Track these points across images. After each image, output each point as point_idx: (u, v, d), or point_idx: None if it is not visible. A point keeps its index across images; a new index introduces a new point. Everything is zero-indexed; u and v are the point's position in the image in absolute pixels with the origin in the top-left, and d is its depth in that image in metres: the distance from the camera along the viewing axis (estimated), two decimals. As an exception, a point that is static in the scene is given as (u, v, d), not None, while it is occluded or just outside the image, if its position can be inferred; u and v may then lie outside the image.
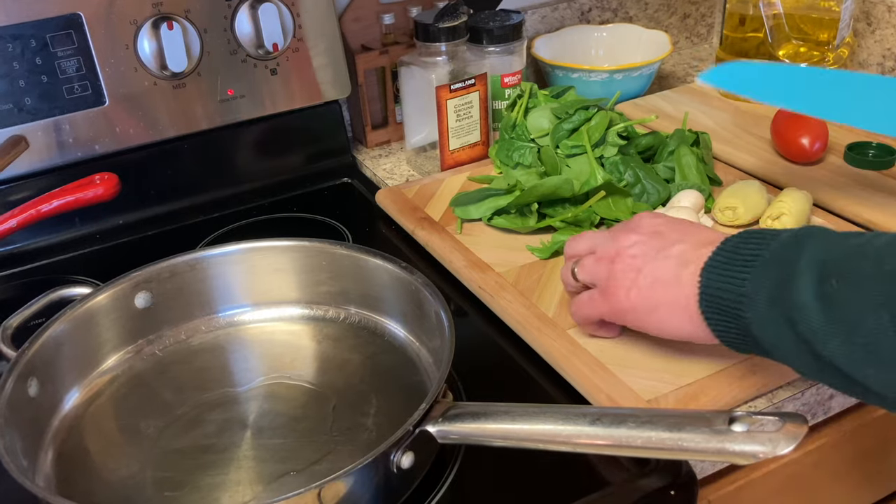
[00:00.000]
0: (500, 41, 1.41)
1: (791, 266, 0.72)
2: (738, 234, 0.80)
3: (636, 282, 0.85)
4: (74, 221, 1.34)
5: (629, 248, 0.87)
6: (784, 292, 0.71)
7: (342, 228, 1.31)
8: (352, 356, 1.01)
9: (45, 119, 1.25)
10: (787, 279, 0.71)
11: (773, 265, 0.74)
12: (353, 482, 0.75)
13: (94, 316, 0.99)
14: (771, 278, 0.73)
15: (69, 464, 0.88)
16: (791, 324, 0.71)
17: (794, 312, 0.70)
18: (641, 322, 0.87)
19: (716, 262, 0.79)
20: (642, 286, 0.85)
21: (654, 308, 0.85)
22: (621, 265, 0.87)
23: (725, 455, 0.69)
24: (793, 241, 0.74)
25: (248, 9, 1.32)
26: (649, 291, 0.84)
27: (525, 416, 0.77)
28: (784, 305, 0.71)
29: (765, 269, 0.74)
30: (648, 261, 0.85)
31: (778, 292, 0.72)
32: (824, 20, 1.46)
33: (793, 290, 0.70)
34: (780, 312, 0.72)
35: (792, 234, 0.75)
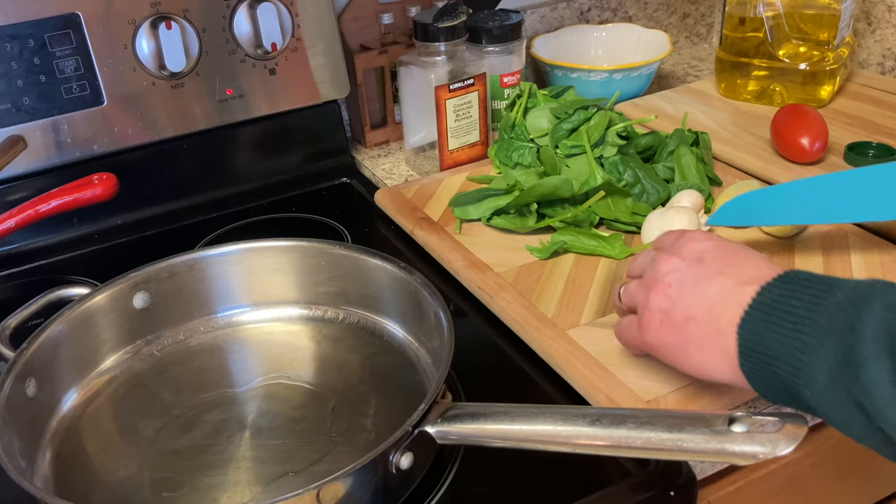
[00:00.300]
0: (500, 41, 1.41)
1: (854, 340, 0.64)
2: (778, 280, 0.73)
3: (669, 315, 0.80)
4: (73, 221, 1.34)
5: (666, 276, 0.81)
6: (852, 374, 0.64)
7: (341, 228, 1.31)
8: (351, 357, 1.01)
9: (43, 119, 1.25)
10: (853, 358, 0.64)
11: (831, 336, 0.66)
12: (351, 483, 0.75)
13: (93, 316, 0.98)
14: (830, 352, 0.66)
15: (67, 464, 0.88)
16: (864, 413, 0.64)
17: (870, 402, 0.63)
18: (673, 360, 0.82)
19: (755, 317, 0.72)
20: (675, 321, 0.79)
21: (684, 346, 0.79)
22: (656, 294, 0.81)
23: (725, 456, 0.68)
24: (850, 304, 0.67)
25: (247, 8, 1.32)
26: (681, 328, 0.79)
27: (524, 416, 0.76)
28: (854, 390, 0.64)
29: (822, 338, 0.67)
30: (684, 293, 0.79)
31: (844, 374, 0.65)
32: (824, 19, 1.46)
33: (862, 372, 0.63)
34: (849, 396, 0.65)
35: (847, 294, 0.68)
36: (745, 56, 1.54)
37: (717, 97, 1.60)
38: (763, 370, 0.72)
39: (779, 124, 1.34)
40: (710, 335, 0.76)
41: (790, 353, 0.69)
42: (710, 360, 0.77)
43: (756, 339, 0.72)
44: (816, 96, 1.51)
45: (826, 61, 1.48)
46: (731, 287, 0.75)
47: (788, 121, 1.32)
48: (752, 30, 1.52)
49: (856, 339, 0.64)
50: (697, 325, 0.77)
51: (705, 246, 0.82)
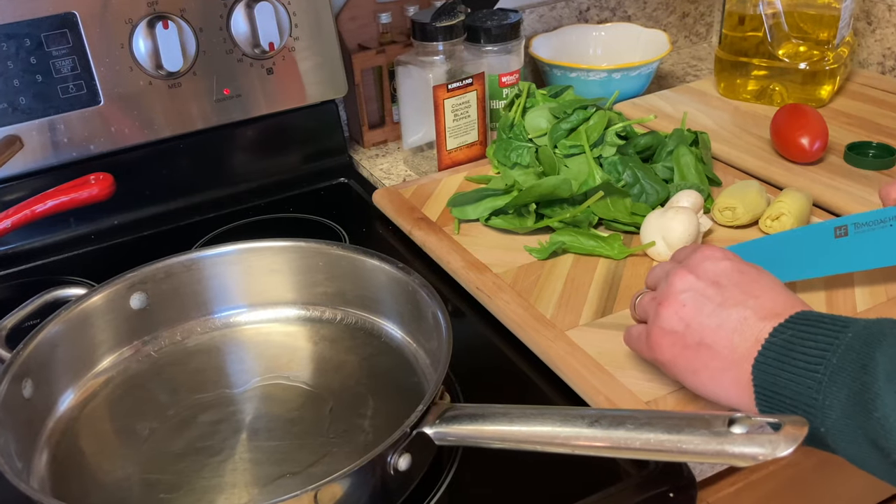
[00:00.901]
0: (498, 40, 1.41)
1: (867, 378, 0.65)
2: (791, 321, 0.73)
3: (682, 338, 0.79)
4: (69, 222, 1.34)
5: (681, 294, 0.80)
6: (864, 410, 0.65)
7: (339, 229, 1.31)
8: (348, 357, 1.00)
9: (39, 119, 1.25)
10: (865, 396, 0.65)
11: (844, 374, 0.67)
12: (349, 484, 0.74)
13: (89, 317, 0.98)
14: (843, 390, 0.67)
15: (64, 466, 0.88)
16: (879, 448, 0.65)
17: (885, 439, 0.64)
18: (680, 378, 0.81)
19: (769, 357, 0.73)
20: (687, 344, 0.79)
21: (695, 370, 0.79)
22: (667, 311, 0.80)
23: (725, 457, 0.68)
24: (861, 343, 0.67)
25: (244, 8, 1.32)
26: (694, 352, 0.78)
27: (523, 417, 0.76)
28: (868, 426, 0.65)
29: (834, 377, 0.68)
30: (698, 316, 0.78)
31: (857, 411, 0.66)
32: (824, 18, 1.45)
33: (876, 409, 0.64)
34: (863, 433, 0.66)
35: (858, 334, 0.68)
36: (744, 55, 1.54)
37: (717, 97, 1.60)
38: (779, 408, 0.72)
39: (778, 124, 1.34)
40: (726, 366, 0.76)
41: (804, 392, 0.69)
42: (722, 389, 0.77)
43: (770, 379, 0.72)
44: (816, 96, 1.51)
45: (826, 61, 1.48)
46: (751, 320, 0.76)
47: (788, 121, 1.32)
48: (751, 29, 1.51)
49: (868, 376, 0.65)
50: (711, 354, 0.77)
51: (721, 267, 0.81)
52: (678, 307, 0.80)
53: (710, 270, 0.81)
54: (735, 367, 0.75)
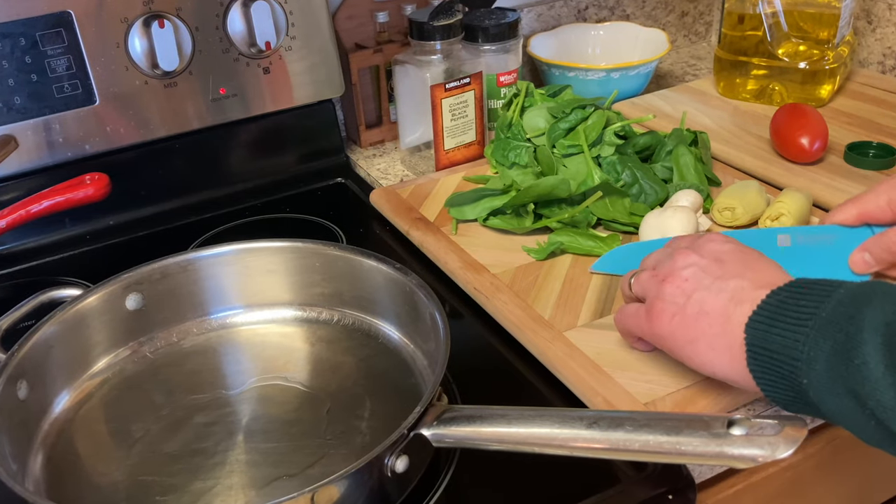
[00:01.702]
0: (496, 39, 1.41)
1: (852, 328, 0.66)
2: (788, 284, 0.75)
3: (683, 308, 0.81)
4: (64, 222, 1.33)
5: (683, 270, 0.82)
6: (846, 361, 0.66)
7: (336, 229, 1.31)
8: (346, 359, 1.00)
9: (34, 118, 1.25)
10: (848, 345, 0.66)
11: (831, 326, 0.68)
12: (346, 486, 0.74)
13: (85, 318, 0.98)
14: (829, 341, 0.68)
15: (59, 467, 0.88)
16: (857, 397, 0.66)
17: (861, 386, 0.65)
18: (678, 351, 0.82)
19: (762, 316, 0.74)
20: (687, 314, 0.80)
21: (693, 339, 0.80)
22: (671, 286, 0.82)
23: (724, 459, 0.68)
24: (851, 299, 0.69)
25: (241, 7, 1.32)
26: (693, 321, 0.79)
27: (521, 419, 0.76)
28: (848, 376, 0.66)
29: (821, 329, 0.69)
30: (699, 288, 0.80)
31: (839, 360, 0.67)
32: (824, 17, 1.45)
33: (857, 358, 0.65)
34: (842, 383, 0.66)
35: (850, 291, 0.70)
36: (744, 55, 1.54)
37: (716, 96, 1.60)
38: (767, 366, 0.73)
39: (778, 124, 1.34)
40: (720, 332, 0.77)
41: (791, 345, 0.70)
42: (717, 356, 0.78)
43: (762, 336, 0.73)
44: (816, 95, 1.51)
45: (826, 60, 1.48)
46: (747, 289, 0.77)
47: (788, 120, 1.32)
48: (751, 28, 1.51)
49: (853, 327, 0.66)
50: (709, 321, 0.78)
51: (725, 248, 0.83)
52: (681, 282, 0.82)
53: (713, 249, 0.84)
54: (729, 333, 0.76)
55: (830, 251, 0.99)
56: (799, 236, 1.01)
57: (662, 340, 0.84)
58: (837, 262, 0.98)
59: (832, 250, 0.99)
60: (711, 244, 0.84)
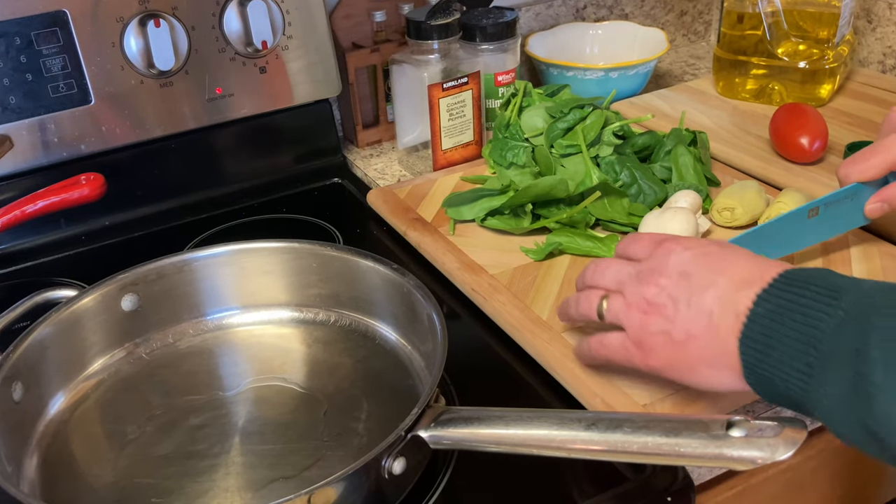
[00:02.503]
0: (494, 39, 1.40)
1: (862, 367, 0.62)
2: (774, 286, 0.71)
3: (670, 337, 0.77)
4: (60, 222, 1.33)
5: (657, 298, 0.78)
6: (863, 402, 0.62)
7: (332, 230, 1.30)
8: (342, 360, 1.00)
9: (29, 118, 1.25)
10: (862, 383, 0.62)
11: (837, 360, 0.64)
12: (343, 488, 0.74)
13: (80, 319, 0.98)
14: (840, 381, 0.64)
15: (54, 469, 0.87)
16: (876, 437, 0.63)
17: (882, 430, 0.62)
18: (683, 380, 0.79)
19: (755, 331, 0.70)
20: (677, 342, 0.77)
21: (692, 366, 0.77)
22: (653, 318, 0.78)
23: (723, 461, 0.68)
24: (853, 324, 0.64)
25: (237, 6, 1.32)
26: (684, 348, 0.76)
27: (519, 420, 0.76)
28: (868, 420, 0.62)
29: (827, 362, 0.65)
30: (679, 312, 0.76)
31: (855, 399, 0.63)
32: (824, 17, 1.45)
33: (876, 403, 0.61)
34: (861, 424, 0.63)
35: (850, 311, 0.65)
36: (743, 54, 1.54)
37: (715, 96, 1.59)
38: (769, 389, 0.71)
39: (778, 124, 1.33)
40: (715, 351, 0.74)
41: (796, 376, 0.67)
42: (722, 374, 0.75)
43: (759, 356, 0.70)
44: (816, 95, 1.50)
45: (826, 60, 1.48)
46: (725, 297, 0.74)
47: (788, 120, 1.32)
48: (750, 27, 1.51)
49: (864, 365, 0.62)
50: (698, 343, 0.75)
51: (684, 257, 0.79)
52: (661, 309, 0.78)
53: (675, 264, 0.79)
54: (722, 347, 0.73)
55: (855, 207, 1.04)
56: (826, 204, 1.03)
57: (662, 373, 0.80)
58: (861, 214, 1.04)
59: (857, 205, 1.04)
60: (672, 258, 0.79)
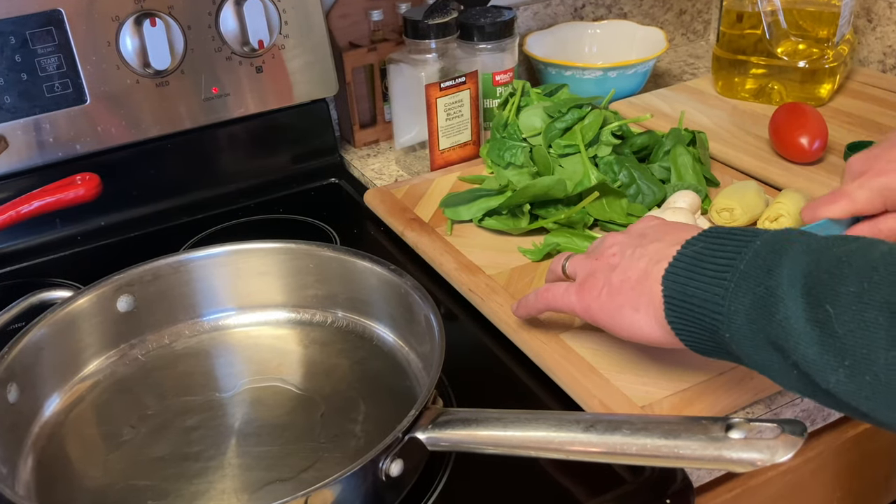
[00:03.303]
0: (492, 38, 1.40)
1: (771, 282, 0.67)
2: (702, 234, 0.76)
3: (609, 279, 0.83)
4: (55, 223, 1.33)
5: (610, 248, 0.85)
6: (768, 315, 0.67)
7: (329, 230, 1.30)
8: (339, 361, 1.00)
9: (24, 118, 1.24)
10: (769, 299, 0.67)
11: (750, 279, 0.69)
12: (340, 490, 0.74)
13: (75, 320, 0.97)
14: (749, 296, 0.68)
15: (49, 471, 0.87)
16: (780, 350, 0.66)
17: (784, 339, 0.65)
18: (608, 321, 0.83)
19: (678, 268, 0.75)
20: (613, 283, 0.82)
21: (619, 307, 0.81)
22: (600, 263, 0.85)
23: (722, 463, 0.68)
24: (768, 250, 0.69)
25: (233, 5, 1.31)
26: (617, 289, 0.81)
27: (517, 422, 0.76)
28: (770, 330, 0.67)
29: (740, 283, 0.69)
30: (623, 259, 0.83)
31: (760, 314, 0.67)
32: (824, 16, 1.45)
33: (778, 313, 0.66)
34: (765, 336, 0.67)
35: (766, 241, 0.70)
36: (742, 54, 1.54)
37: (715, 96, 1.59)
38: (687, 318, 0.74)
39: (777, 123, 1.33)
40: (641, 292, 0.79)
41: (711, 298, 0.71)
42: (641, 316, 0.79)
43: (679, 288, 0.74)
44: (816, 95, 1.50)
45: (826, 59, 1.48)
46: (663, 248, 0.79)
47: (787, 120, 1.32)
48: (749, 27, 1.51)
49: (772, 280, 0.67)
50: (630, 285, 0.80)
51: (649, 224, 0.87)
52: (608, 257, 0.85)
53: (638, 227, 0.87)
54: (648, 290, 0.78)
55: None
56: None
57: (593, 313, 0.85)
58: None
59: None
60: (638, 224, 0.88)
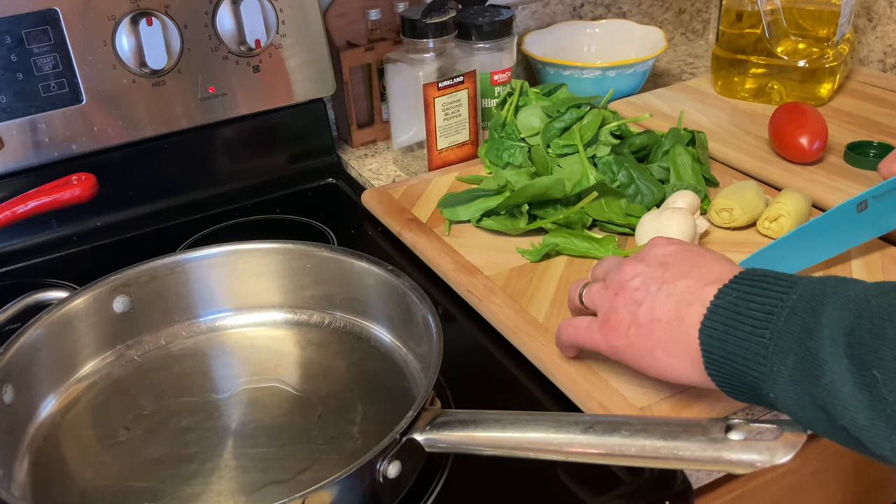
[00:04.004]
0: (490, 37, 1.40)
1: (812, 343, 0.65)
2: (734, 281, 0.73)
3: (636, 318, 0.80)
4: (51, 223, 1.33)
5: (631, 280, 0.82)
6: (812, 376, 0.65)
7: (327, 230, 1.30)
8: (337, 362, 1.00)
9: (20, 118, 1.24)
10: (812, 362, 0.65)
11: (790, 339, 0.67)
12: (338, 492, 0.74)
13: (72, 321, 0.97)
14: (790, 357, 0.67)
15: (45, 473, 0.87)
16: (828, 413, 0.65)
17: (832, 404, 0.64)
18: (638, 361, 0.82)
19: (715, 321, 0.73)
20: (641, 323, 0.80)
21: (651, 348, 0.79)
22: (622, 298, 0.82)
23: (722, 464, 0.68)
24: (806, 307, 0.67)
25: (230, 4, 1.31)
26: (647, 330, 0.79)
27: (515, 423, 0.76)
28: (815, 392, 0.65)
29: (780, 343, 0.67)
30: (649, 295, 0.80)
31: (804, 374, 0.66)
32: (823, 14, 1.45)
33: (823, 378, 0.64)
34: (811, 398, 0.66)
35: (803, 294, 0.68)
36: (742, 53, 1.54)
37: (714, 95, 1.59)
38: (729, 374, 0.72)
39: (777, 123, 1.33)
40: (675, 337, 0.77)
41: (752, 357, 0.69)
42: (677, 362, 0.78)
43: (718, 344, 0.72)
44: (816, 94, 1.50)
45: (826, 58, 1.48)
46: (695, 288, 0.77)
47: (787, 120, 1.32)
48: (749, 26, 1.51)
49: (813, 342, 0.65)
50: (662, 327, 0.78)
51: (668, 250, 0.84)
52: (631, 292, 0.81)
53: (657, 255, 0.84)
54: (684, 336, 0.76)
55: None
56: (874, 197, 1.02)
57: (621, 353, 0.83)
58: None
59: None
60: (654, 249, 0.85)
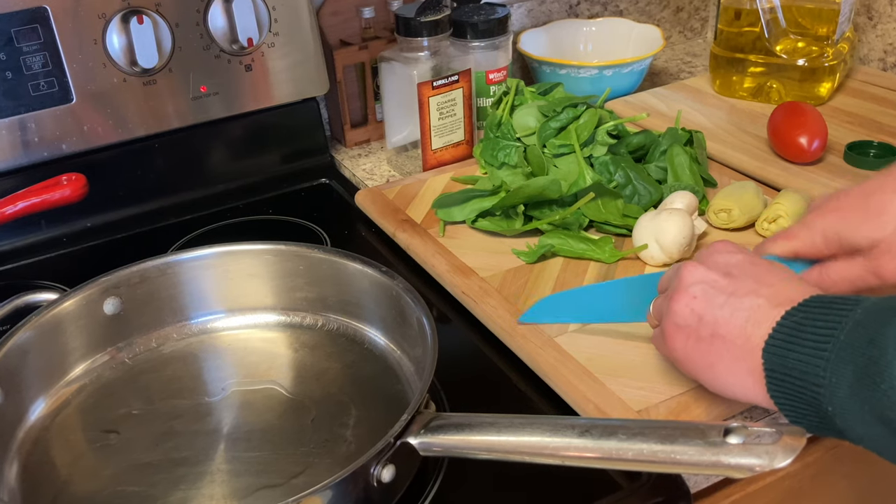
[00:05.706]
0: (485, 36, 1.40)
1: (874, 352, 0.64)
2: (803, 304, 0.71)
3: (695, 331, 0.78)
4: (40, 224, 1.32)
5: (691, 287, 0.79)
6: (872, 386, 0.64)
7: (320, 231, 1.30)
8: (330, 365, 1.00)
9: (9, 117, 1.24)
10: (872, 369, 0.64)
11: (851, 350, 0.66)
12: (331, 496, 0.74)
13: (61, 323, 0.97)
14: (850, 366, 0.66)
15: (35, 477, 0.87)
16: (887, 423, 0.64)
17: (891, 409, 0.63)
18: (697, 374, 0.80)
19: (779, 339, 0.71)
20: (701, 337, 0.77)
21: (711, 364, 0.77)
22: (678, 304, 0.79)
23: (720, 468, 0.68)
24: (870, 319, 0.66)
25: (222, 2, 1.31)
26: (708, 346, 0.77)
27: (511, 427, 0.75)
28: (874, 399, 0.64)
29: (842, 354, 0.66)
30: (710, 308, 0.77)
31: (864, 385, 0.65)
32: (823, 13, 1.46)
33: (883, 383, 0.63)
34: (870, 407, 0.64)
35: (868, 310, 0.67)
36: (740, 52, 1.54)
37: (712, 94, 1.60)
38: (789, 392, 0.70)
39: (776, 123, 1.33)
40: (740, 356, 0.74)
41: (812, 371, 0.68)
42: (738, 381, 0.75)
43: (780, 361, 0.70)
44: (815, 93, 1.51)
45: (825, 57, 1.48)
46: (765, 308, 0.74)
47: (786, 119, 1.32)
48: (748, 24, 1.51)
49: (875, 350, 0.64)
50: (725, 345, 0.75)
51: (734, 259, 0.80)
52: (689, 300, 0.78)
53: (721, 262, 0.80)
54: (749, 356, 0.73)
55: None
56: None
57: (680, 364, 0.81)
58: None
59: None
60: (719, 255, 0.81)
